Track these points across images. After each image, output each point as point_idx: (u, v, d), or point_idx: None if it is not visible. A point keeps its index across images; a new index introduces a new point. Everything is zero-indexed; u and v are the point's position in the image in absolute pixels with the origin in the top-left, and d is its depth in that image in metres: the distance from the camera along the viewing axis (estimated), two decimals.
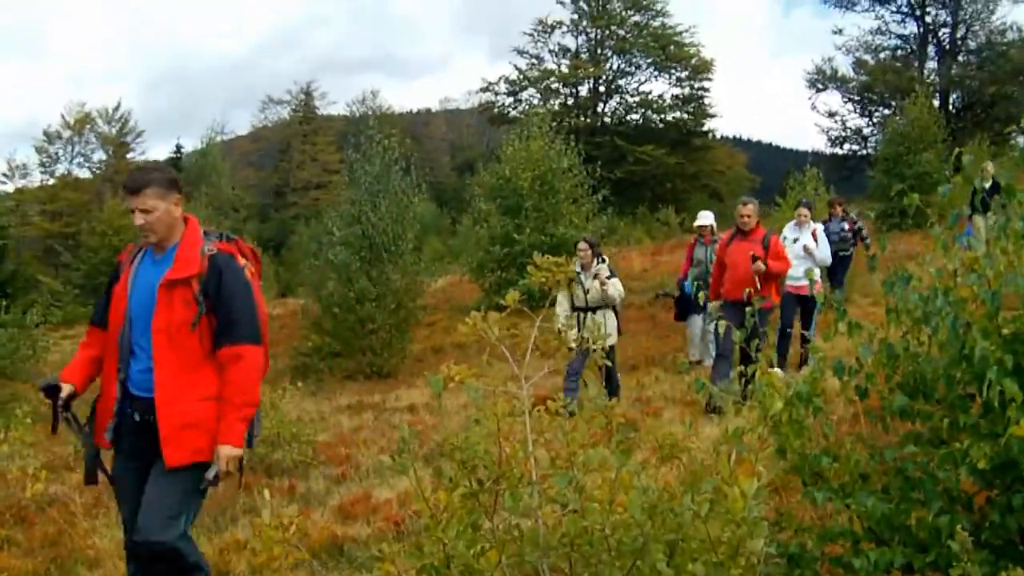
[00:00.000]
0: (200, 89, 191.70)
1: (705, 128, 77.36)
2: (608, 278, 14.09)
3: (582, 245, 14.40)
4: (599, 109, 75.65)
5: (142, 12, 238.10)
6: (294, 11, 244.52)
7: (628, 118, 75.23)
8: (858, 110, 69.70)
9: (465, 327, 4.47)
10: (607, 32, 74.46)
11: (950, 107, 64.66)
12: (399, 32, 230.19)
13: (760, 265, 12.89)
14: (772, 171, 68.82)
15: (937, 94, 62.31)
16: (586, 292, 14.06)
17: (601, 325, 12.24)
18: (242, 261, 5.92)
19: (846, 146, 70.63)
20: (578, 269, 14.17)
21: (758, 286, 12.81)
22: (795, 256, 15.07)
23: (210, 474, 5.63)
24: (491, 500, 4.26)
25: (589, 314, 14.01)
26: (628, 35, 73.74)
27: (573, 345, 11.89)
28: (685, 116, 75.24)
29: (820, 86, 69.79)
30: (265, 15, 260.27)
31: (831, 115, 70.00)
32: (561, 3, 74.47)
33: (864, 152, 66.12)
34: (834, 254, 19.33)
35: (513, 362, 4.58)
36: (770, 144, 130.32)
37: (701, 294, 14.19)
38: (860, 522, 4.71)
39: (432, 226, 55.86)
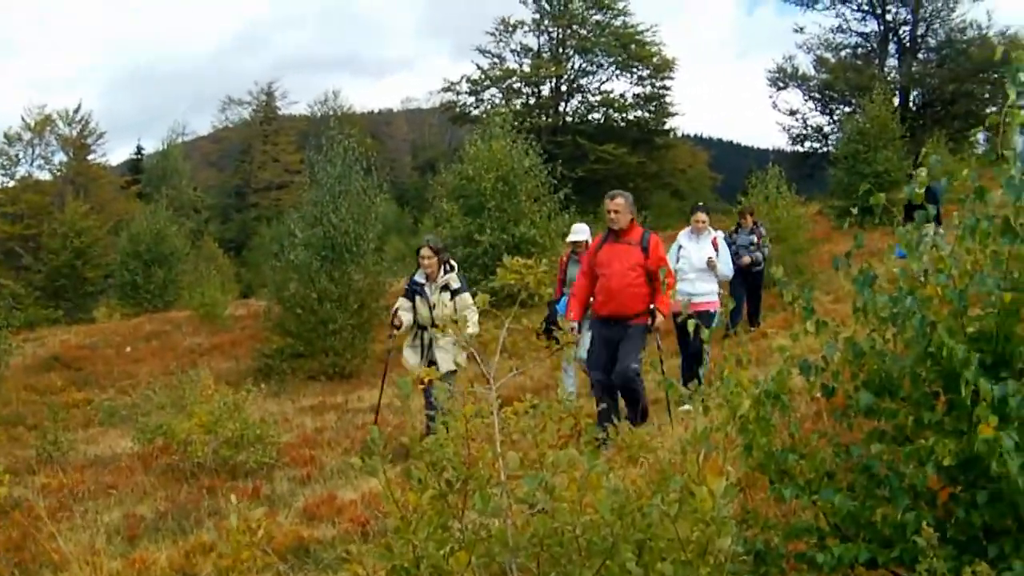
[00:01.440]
0: (167, 90, 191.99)
1: (667, 127, 77.52)
2: (456, 291, 12.17)
3: (425, 251, 12.35)
4: (561, 108, 75.60)
5: (108, 14, 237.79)
6: (261, 12, 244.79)
7: (590, 117, 75.28)
8: (819, 108, 69.95)
9: (436, 331, 4.49)
10: (569, 31, 74.47)
11: (910, 104, 65.07)
12: (366, 33, 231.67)
13: (659, 318, 11.00)
14: (734, 169, 69.09)
15: (897, 92, 62.74)
16: (431, 308, 12.20)
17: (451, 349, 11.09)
18: None
19: (807, 144, 70.84)
20: (422, 280, 12.38)
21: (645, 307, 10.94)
22: (692, 269, 13.86)
23: None
24: (460, 501, 4.27)
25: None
26: (590, 34, 73.76)
27: (414, 370, 10.87)
28: (646, 115, 75.31)
29: (781, 84, 70.00)
30: (232, 16, 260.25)
31: (792, 113, 70.22)
32: (523, 2, 74.51)
33: (825, 150, 66.41)
34: (745, 270, 18.35)
35: (481, 362, 4.58)
36: (731, 142, 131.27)
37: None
38: (825, 518, 4.75)
39: (394, 226, 55.85)
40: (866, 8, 67.86)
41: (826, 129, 69.28)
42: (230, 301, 38.33)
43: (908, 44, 66.85)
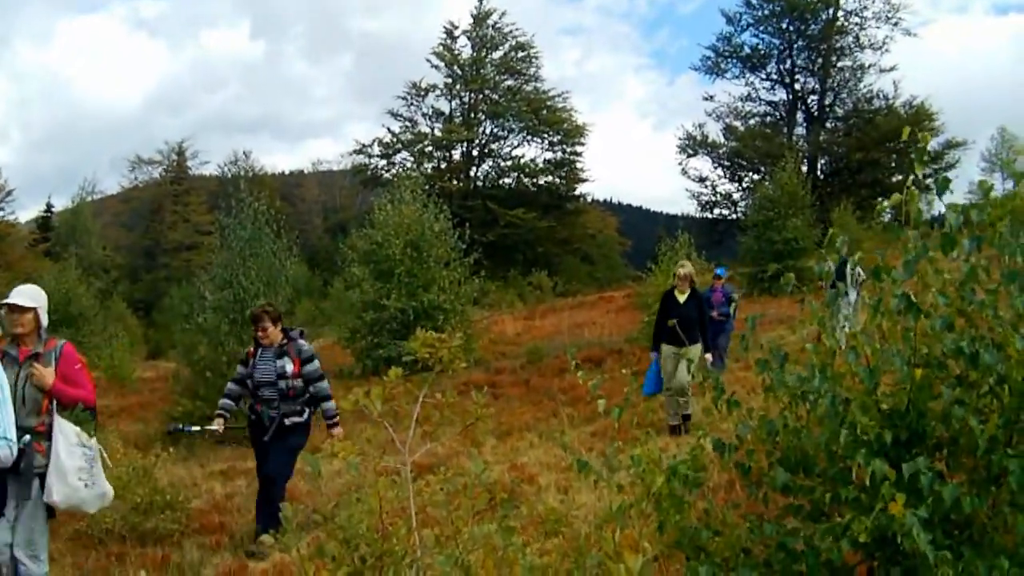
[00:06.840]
0: (86, 149, 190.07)
1: (577, 192, 78.13)
2: None
3: None
4: (472, 173, 76.02)
5: (28, 70, 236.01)
6: (183, 73, 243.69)
7: (501, 182, 75.79)
8: (728, 175, 70.90)
9: (347, 403, 4.45)
10: (481, 96, 74.95)
11: (818, 172, 66.13)
12: (289, 95, 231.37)
13: None
14: (644, 234, 69.67)
15: (805, 160, 63.71)
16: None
17: None
18: None
19: (716, 211, 71.81)
20: None
21: None
22: None
23: None
24: None
25: None
26: (501, 99, 74.30)
27: None
28: (557, 180, 75.82)
29: (691, 151, 70.93)
30: (156, 76, 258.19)
31: (701, 180, 71.16)
32: (435, 67, 74.93)
33: (734, 216, 67.23)
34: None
35: (395, 435, 4.55)
36: (640, 207, 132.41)
37: None
38: None
39: (304, 288, 55.64)
40: (775, 77, 69.18)
41: (735, 196, 70.31)
42: (139, 362, 37.90)
43: (816, 113, 68.15)
